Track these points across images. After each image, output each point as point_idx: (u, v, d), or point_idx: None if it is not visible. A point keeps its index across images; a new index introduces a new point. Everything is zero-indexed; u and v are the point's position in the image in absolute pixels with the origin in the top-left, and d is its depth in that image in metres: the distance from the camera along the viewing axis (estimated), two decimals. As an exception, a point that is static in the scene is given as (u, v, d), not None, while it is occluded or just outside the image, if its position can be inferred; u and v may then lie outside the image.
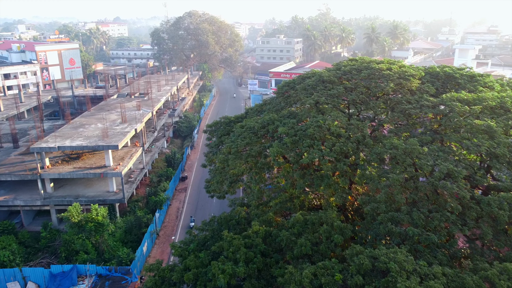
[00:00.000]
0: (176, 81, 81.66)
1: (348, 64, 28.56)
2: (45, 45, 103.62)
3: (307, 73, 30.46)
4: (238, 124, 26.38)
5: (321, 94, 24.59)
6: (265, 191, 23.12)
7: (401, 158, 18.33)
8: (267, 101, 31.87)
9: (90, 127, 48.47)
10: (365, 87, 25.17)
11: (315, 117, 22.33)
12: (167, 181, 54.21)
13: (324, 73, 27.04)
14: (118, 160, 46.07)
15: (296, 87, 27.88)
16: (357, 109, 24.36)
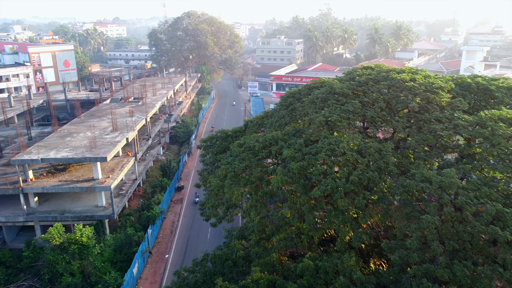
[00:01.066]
0: (173, 84, 78.44)
1: (363, 73, 25.21)
2: (38, 47, 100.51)
3: (315, 83, 27.23)
4: (236, 142, 23.13)
5: (333, 109, 21.27)
6: (267, 223, 19.85)
7: (436, 194, 15.13)
8: (269, 113, 28.61)
9: (79, 136, 45.23)
10: (385, 101, 21.81)
11: (326, 137, 19.07)
12: (161, 193, 51.01)
13: (336, 84, 23.68)
14: (108, 171, 42.85)
15: (302, 99, 24.64)
16: (377, 129, 21.02)
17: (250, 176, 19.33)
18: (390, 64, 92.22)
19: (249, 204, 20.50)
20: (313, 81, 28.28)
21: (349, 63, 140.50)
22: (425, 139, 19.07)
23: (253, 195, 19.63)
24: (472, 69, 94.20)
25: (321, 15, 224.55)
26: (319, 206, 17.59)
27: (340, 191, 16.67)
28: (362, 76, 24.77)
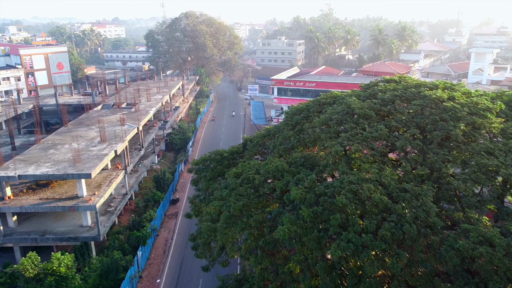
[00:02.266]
0: (169, 89, 74.73)
1: (387, 88, 21.35)
2: (30, 48, 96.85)
3: (325, 97, 23.50)
4: (232, 171, 19.43)
5: (352, 135, 17.52)
6: (271, 277, 16.13)
7: (503, 265, 11.43)
8: (271, 131, 24.88)
9: (63, 148, 41.52)
10: (419, 126, 17.91)
11: (345, 173, 15.40)
12: (154, 208, 47.31)
13: (354, 102, 19.79)
14: (95, 187, 39.17)
15: (312, 117, 20.89)
16: (410, 163, 17.07)
17: (248, 219, 15.70)
18: (395, 66, 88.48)
19: (247, 245, 16.84)
20: (323, 94, 24.53)
21: (352, 65, 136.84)
22: (475, 178, 15.16)
23: (252, 241, 15.98)
24: (481, 72, 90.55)
25: (322, 16, 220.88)
26: (337, 267, 13.91)
27: (367, 251, 13.01)
28: (386, 92, 20.84)
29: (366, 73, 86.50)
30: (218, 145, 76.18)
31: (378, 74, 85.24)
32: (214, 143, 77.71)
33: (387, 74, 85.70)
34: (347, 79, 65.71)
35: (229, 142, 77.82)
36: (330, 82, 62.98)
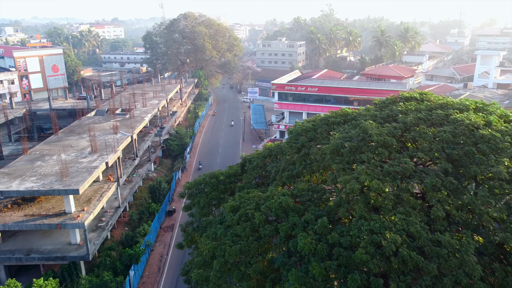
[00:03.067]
0: (166, 93, 72.36)
1: (408, 109, 18.74)
2: (24, 51, 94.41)
3: (335, 115, 21.04)
4: (228, 204, 17.04)
5: (371, 167, 15.01)
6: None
7: None
8: (273, 150, 22.51)
9: (51, 159, 39.14)
10: (451, 159, 15.28)
11: (364, 218, 13.01)
12: (149, 221, 44.95)
13: (370, 127, 17.09)
14: (84, 202, 36.81)
15: (319, 139, 18.46)
16: (443, 206, 14.45)
17: (247, 267, 13.38)
18: (399, 69, 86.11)
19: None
20: (332, 112, 22.10)
21: (354, 67, 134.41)
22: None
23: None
24: (487, 75, 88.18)
25: (323, 16, 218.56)
26: None
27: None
28: (407, 113, 18.22)
29: (369, 76, 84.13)
30: (216, 151, 73.90)
31: (381, 77, 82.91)
32: (212, 149, 75.44)
33: (390, 78, 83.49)
34: (350, 83, 63.33)
35: (228, 147, 75.59)
36: (333, 87, 60.62)
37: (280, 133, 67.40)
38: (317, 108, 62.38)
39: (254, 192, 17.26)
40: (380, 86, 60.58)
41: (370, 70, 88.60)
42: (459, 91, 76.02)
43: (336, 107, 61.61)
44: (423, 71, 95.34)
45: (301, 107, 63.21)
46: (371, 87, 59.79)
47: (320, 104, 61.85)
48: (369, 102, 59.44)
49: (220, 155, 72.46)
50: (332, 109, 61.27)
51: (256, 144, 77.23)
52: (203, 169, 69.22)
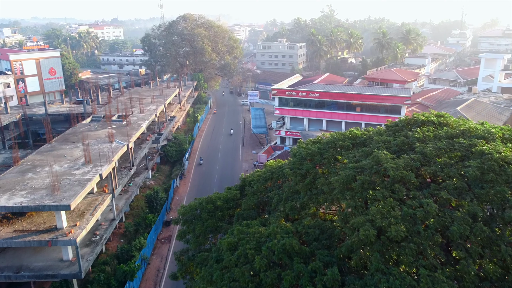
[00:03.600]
0: (164, 98, 70.82)
1: (426, 136, 17.00)
2: (21, 54, 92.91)
3: (343, 137, 19.37)
4: (226, 241, 15.53)
5: (386, 207, 13.36)
6: None
7: None
8: (275, 173, 20.94)
9: (43, 171, 37.62)
10: (481, 202, 13.55)
11: (381, 271, 11.43)
12: (145, 233, 43.48)
13: (385, 158, 15.25)
14: (77, 216, 35.29)
15: (327, 165, 16.88)
16: (473, 259, 12.64)
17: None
18: (402, 73, 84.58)
19: None
20: (339, 133, 20.46)
21: (355, 69, 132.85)
22: None
23: None
24: (492, 79, 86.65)
25: (323, 17, 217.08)
26: None
27: None
28: (425, 142, 16.53)
29: (371, 80, 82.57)
30: (216, 157, 72.39)
31: (383, 81, 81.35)
32: (212, 154, 73.93)
33: (393, 82, 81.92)
34: (353, 89, 61.82)
35: (228, 153, 74.01)
36: (335, 93, 59.12)
37: (281, 139, 65.91)
38: (319, 113, 60.90)
39: (255, 227, 15.66)
40: (383, 91, 59.09)
41: (372, 74, 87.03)
42: (463, 95, 74.53)
43: (338, 113, 60.40)
44: (426, 75, 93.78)
45: (302, 113, 61.70)
46: (374, 92, 58.31)
47: (322, 110, 60.37)
48: (372, 108, 58.07)
49: (219, 160, 70.99)
50: (334, 115, 60.09)
51: (257, 149, 75.71)
52: (204, 164, 69.63)
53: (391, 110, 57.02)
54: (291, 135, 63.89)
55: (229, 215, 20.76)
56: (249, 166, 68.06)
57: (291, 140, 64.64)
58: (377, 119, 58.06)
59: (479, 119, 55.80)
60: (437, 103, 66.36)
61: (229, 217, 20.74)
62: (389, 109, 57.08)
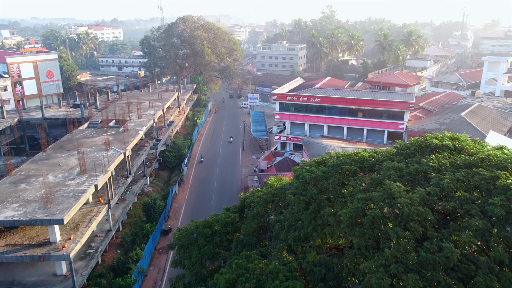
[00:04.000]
0: (163, 102, 69.70)
1: (441, 164, 15.59)
2: (18, 56, 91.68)
3: (349, 160, 18.04)
4: (223, 278, 14.40)
5: (402, 254, 12.00)
6: None
7: None
8: (276, 195, 19.75)
9: (37, 181, 36.51)
10: (509, 247, 12.05)
11: None
12: (142, 244, 42.34)
13: (398, 190, 13.87)
14: (71, 229, 34.19)
15: (332, 191, 15.68)
16: None
17: None
18: (404, 77, 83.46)
19: None
20: (345, 156, 19.13)
21: (356, 71, 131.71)
22: None
23: None
24: (495, 82, 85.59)
25: (323, 18, 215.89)
26: None
27: None
28: (442, 173, 15.12)
29: (373, 84, 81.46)
30: (216, 162, 71.29)
31: (385, 85, 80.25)
32: (212, 159, 72.80)
33: (395, 85, 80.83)
34: (355, 94, 60.68)
35: (228, 158, 72.84)
36: (336, 98, 57.99)
37: (281, 145, 64.78)
38: (320, 119, 59.79)
39: (255, 261, 14.52)
40: (386, 96, 57.96)
41: (374, 77, 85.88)
42: (466, 99, 73.35)
43: (340, 118, 59.30)
44: (428, 77, 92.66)
45: (303, 118, 60.58)
46: (376, 97, 57.22)
47: (323, 115, 59.24)
48: (374, 113, 56.96)
49: (219, 166, 69.86)
50: (336, 120, 58.95)
51: (257, 154, 74.60)
52: (203, 170, 69.48)
53: (394, 116, 55.92)
54: (291, 141, 62.77)
55: (228, 240, 19.66)
56: (249, 171, 66.96)
57: (291, 146, 63.52)
58: (380, 125, 56.99)
59: (484, 125, 54.80)
60: (440, 108, 65.22)
61: (227, 242, 19.65)
62: (392, 114, 55.97)
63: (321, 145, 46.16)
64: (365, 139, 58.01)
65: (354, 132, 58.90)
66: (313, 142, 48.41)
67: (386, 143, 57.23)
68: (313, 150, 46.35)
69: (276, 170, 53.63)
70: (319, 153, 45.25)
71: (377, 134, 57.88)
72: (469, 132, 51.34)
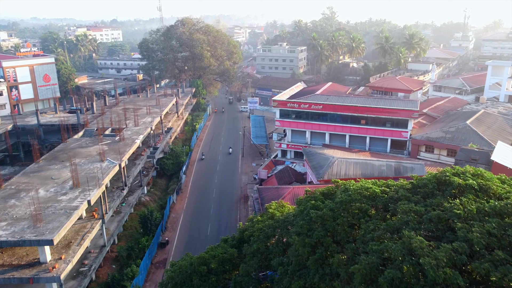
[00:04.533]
0: (161, 108, 68.23)
1: (467, 211, 13.79)
2: (14, 60, 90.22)
3: (360, 196, 16.30)
4: None
5: None
6: None
7: None
8: (278, 228, 18.23)
9: (27, 196, 35.03)
10: None
11: None
12: (138, 260, 40.85)
13: (418, 245, 11.83)
14: (63, 247, 32.72)
15: (341, 234, 14.15)
16: None
17: None
18: (407, 82, 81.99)
19: None
20: (355, 190, 17.34)
21: (357, 73, 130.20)
22: None
23: None
24: (499, 86, 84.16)
25: (324, 19, 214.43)
26: None
27: None
28: (467, 221, 13.35)
29: (375, 89, 79.98)
30: (215, 168, 69.80)
31: (388, 90, 78.79)
32: (210, 165, 71.31)
33: (398, 91, 79.39)
34: (357, 101, 59.17)
35: (227, 165, 71.22)
36: (339, 105, 56.48)
37: (282, 152, 63.27)
38: (322, 126, 58.28)
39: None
40: (389, 104, 56.41)
41: (376, 82, 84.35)
42: (471, 105, 71.91)
43: (342, 126, 57.77)
44: (431, 82, 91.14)
45: (304, 125, 59.07)
46: (380, 105, 55.68)
47: (325, 123, 57.73)
48: (378, 121, 55.45)
49: (218, 173, 68.39)
50: (338, 128, 57.44)
51: (257, 160, 73.13)
52: (206, 159, 73.15)
53: (398, 124, 54.43)
54: (292, 148, 61.27)
55: (225, 279, 18.19)
56: (249, 179, 65.51)
57: (292, 153, 62.02)
58: (383, 133, 55.50)
59: (490, 134, 53.33)
60: (444, 114, 63.73)
61: (224, 281, 18.16)
62: (396, 122, 54.49)
63: (323, 156, 44.65)
64: (368, 147, 56.51)
65: (356, 140, 57.38)
66: (314, 152, 46.90)
67: (389, 152, 55.79)
68: (314, 161, 44.84)
69: (277, 180, 52.12)
70: (321, 164, 43.78)
71: (380, 142, 56.38)
72: (475, 142, 49.90)
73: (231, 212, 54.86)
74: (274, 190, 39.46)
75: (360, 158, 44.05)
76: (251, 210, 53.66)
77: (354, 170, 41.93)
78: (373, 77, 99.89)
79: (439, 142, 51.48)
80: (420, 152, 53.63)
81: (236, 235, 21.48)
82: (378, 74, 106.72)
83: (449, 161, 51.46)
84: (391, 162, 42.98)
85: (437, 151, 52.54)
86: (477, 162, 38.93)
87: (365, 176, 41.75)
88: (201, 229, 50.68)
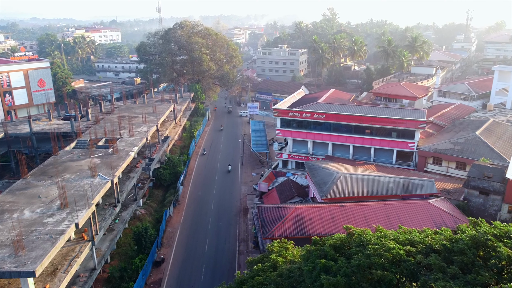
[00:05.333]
0: (158, 116, 65.92)
1: None
2: (7, 65, 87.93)
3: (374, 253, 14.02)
4: None
5: None
6: None
7: None
8: (282, 285, 16.01)
9: (11, 218, 32.71)
10: None
11: None
12: (131, 282, 38.58)
13: None
14: (48, 274, 30.42)
15: None
16: None
17: None
18: (411, 88, 79.68)
19: None
20: (375, 250, 14.75)
21: (358, 76, 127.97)
22: None
23: None
24: (506, 92, 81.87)
25: (325, 21, 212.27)
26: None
27: None
28: None
29: (379, 95, 77.68)
30: (213, 178, 67.50)
31: (392, 97, 76.50)
32: (208, 175, 69.00)
33: (402, 97, 77.01)
34: (362, 110, 56.91)
35: (226, 174, 68.76)
36: (342, 115, 54.20)
37: (283, 162, 60.97)
38: (324, 136, 56.01)
39: None
40: (395, 113, 54.14)
41: (379, 88, 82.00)
42: (478, 113, 69.66)
43: (345, 136, 55.46)
44: (436, 87, 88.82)
45: (306, 135, 56.81)
46: (385, 115, 53.40)
47: (328, 132, 55.44)
48: (383, 131, 53.18)
49: (217, 183, 66.14)
50: (341, 138, 55.10)
51: (256, 169, 70.85)
52: (207, 154, 78.02)
53: (404, 134, 52.16)
54: (294, 159, 58.99)
55: None
56: (248, 189, 63.25)
57: (293, 164, 59.75)
58: (388, 144, 53.23)
59: (501, 145, 51.00)
60: (451, 123, 61.44)
61: None
62: (402, 133, 52.21)
63: (326, 171, 42.32)
64: (373, 158, 54.23)
65: (360, 151, 55.11)
66: (317, 167, 44.57)
67: (395, 163, 53.52)
68: (318, 176, 42.53)
69: (278, 193, 49.86)
70: (325, 181, 41.45)
71: (386, 153, 54.11)
72: (486, 154, 47.57)
73: (230, 227, 52.56)
74: (275, 210, 37.13)
75: (366, 174, 41.73)
76: (250, 224, 51.41)
77: (360, 188, 39.61)
78: (375, 82, 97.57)
79: (447, 154, 49.22)
80: (428, 164, 51.39)
81: (233, 286, 19.22)
82: (381, 78, 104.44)
83: (458, 174, 49.23)
84: (399, 179, 40.66)
85: (445, 163, 50.31)
86: (491, 179, 36.65)
87: (372, 194, 39.44)
88: (199, 246, 48.38)
